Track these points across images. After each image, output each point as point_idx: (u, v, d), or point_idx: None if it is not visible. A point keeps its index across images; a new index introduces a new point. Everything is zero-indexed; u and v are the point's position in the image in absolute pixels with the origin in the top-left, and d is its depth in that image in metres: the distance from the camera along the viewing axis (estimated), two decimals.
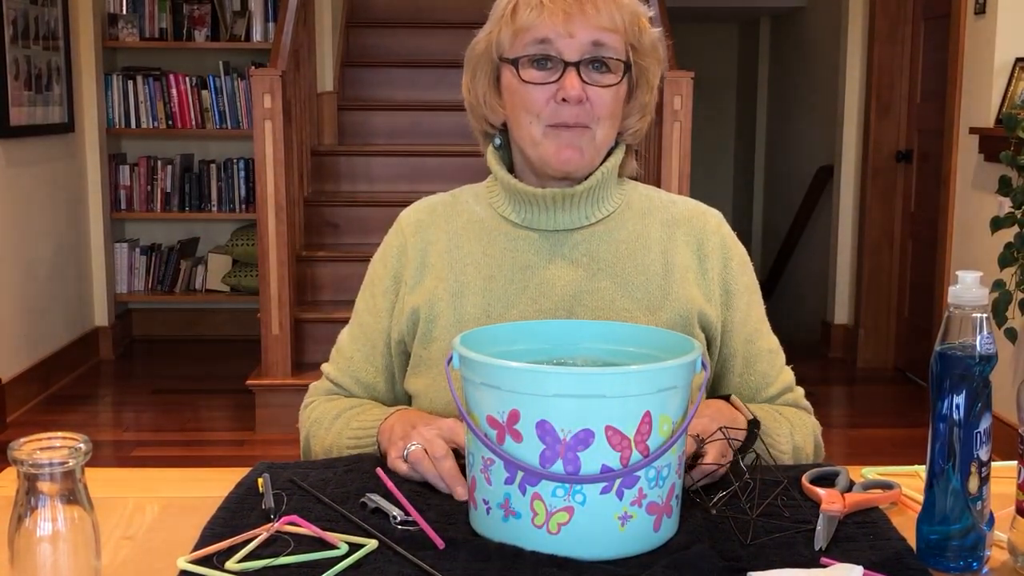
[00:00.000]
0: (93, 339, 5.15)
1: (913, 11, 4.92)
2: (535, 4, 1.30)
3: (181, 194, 5.32)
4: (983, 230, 3.76)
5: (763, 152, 7.32)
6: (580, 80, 1.30)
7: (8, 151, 4.28)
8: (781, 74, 6.93)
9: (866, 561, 1.01)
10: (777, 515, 1.12)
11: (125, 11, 5.21)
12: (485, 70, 1.39)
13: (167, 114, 5.25)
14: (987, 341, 1.00)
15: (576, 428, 1.00)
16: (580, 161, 1.34)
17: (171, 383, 4.77)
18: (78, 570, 0.89)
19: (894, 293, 5.12)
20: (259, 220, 3.95)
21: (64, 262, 4.85)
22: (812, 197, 6.02)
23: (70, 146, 4.94)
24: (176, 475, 1.29)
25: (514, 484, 1.03)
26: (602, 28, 1.30)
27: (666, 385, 1.03)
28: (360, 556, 1.03)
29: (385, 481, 1.19)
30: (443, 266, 1.40)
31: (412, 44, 5.39)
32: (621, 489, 1.02)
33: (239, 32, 5.27)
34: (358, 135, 5.07)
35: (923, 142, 4.83)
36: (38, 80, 4.55)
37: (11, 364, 4.25)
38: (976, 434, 1.01)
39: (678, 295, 1.38)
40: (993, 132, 3.78)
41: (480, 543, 1.06)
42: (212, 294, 5.38)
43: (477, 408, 1.06)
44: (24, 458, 0.87)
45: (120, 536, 1.10)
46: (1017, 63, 3.78)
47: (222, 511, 1.14)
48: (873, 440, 4.06)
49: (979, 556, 1.03)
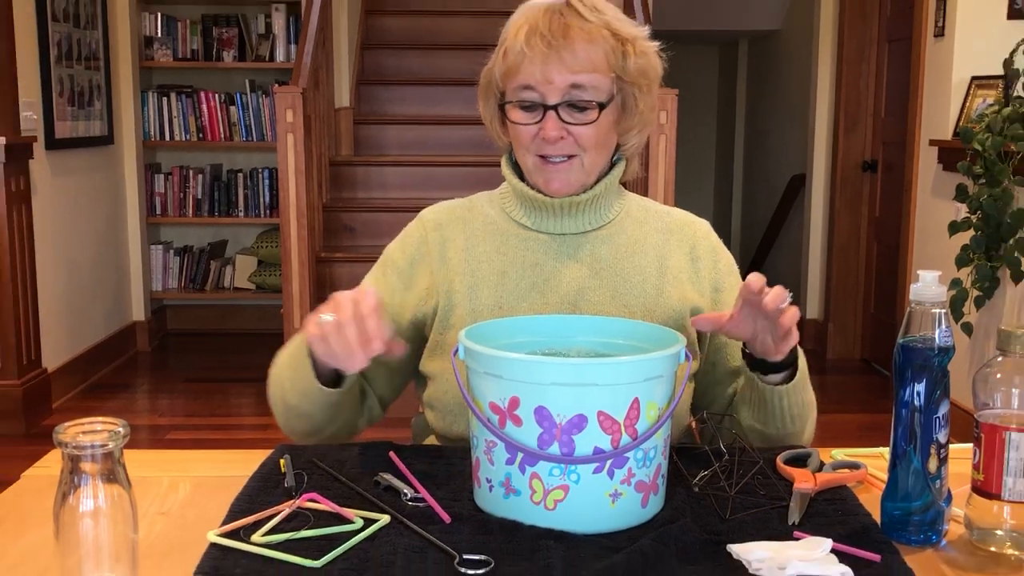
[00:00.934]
0: (131, 333, 5.15)
1: (878, 34, 4.92)
2: (518, 50, 1.31)
3: (211, 201, 5.32)
4: (941, 233, 3.76)
5: (741, 162, 7.32)
6: (560, 121, 1.31)
7: (53, 162, 4.29)
8: (758, 91, 6.92)
9: (835, 535, 1.01)
10: (754, 493, 1.13)
11: (160, 34, 5.21)
12: (491, 100, 1.41)
13: (198, 128, 5.25)
14: (945, 334, 1.00)
15: (571, 413, 1.01)
16: (568, 189, 1.36)
17: (202, 373, 4.77)
18: (117, 543, 0.89)
19: (860, 291, 5.12)
20: (282, 224, 3.95)
21: (104, 262, 4.86)
22: (786, 203, 6.02)
23: (110, 157, 4.94)
24: (206, 456, 1.29)
25: (514, 464, 1.03)
26: (579, 71, 1.30)
27: (653, 374, 1.03)
28: (374, 530, 1.03)
29: (396, 462, 1.19)
30: (460, 261, 1.40)
31: (421, 64, 5.38)
32: (612, 469, 1.02)
33: (264, 53, 5.27)
34: (372, 147, 5.06)
35: (887, 153, 4.83)
36: (80, 97, 4.54)
37: (56, 355, 4.25)
38: (935, 419, 1.01)
39: (671, 294, 1.39)
40: (951, 144, 3.77)
41: (483, 518, 1.06)
42: (239, 292, 5.37)
43: (481, 395, 1.06)
44: (68, 441, 0.87)
45: (155, 512, 1.10)
46: (973, 81, 3.78)
47: (248, 489, 1.14)
48: (841, 425, 4.06)
49: (938, 530, 1.03)
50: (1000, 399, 1.01)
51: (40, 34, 4.16)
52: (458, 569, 0.94)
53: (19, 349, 3.84)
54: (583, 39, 1.30)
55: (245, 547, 0.99)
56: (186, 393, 4.47)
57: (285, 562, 0.96)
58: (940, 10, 3.95)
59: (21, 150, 3.84)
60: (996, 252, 3.35)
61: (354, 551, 0.98)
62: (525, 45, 1.30)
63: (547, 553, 0.97)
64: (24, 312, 3.88)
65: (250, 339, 5.29)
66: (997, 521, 1.01)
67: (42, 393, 4.01)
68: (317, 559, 0.96)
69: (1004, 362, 1.01)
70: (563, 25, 1.30)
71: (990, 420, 1.01)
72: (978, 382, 1.02)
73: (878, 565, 0.96)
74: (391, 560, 0.96)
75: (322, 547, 0.98)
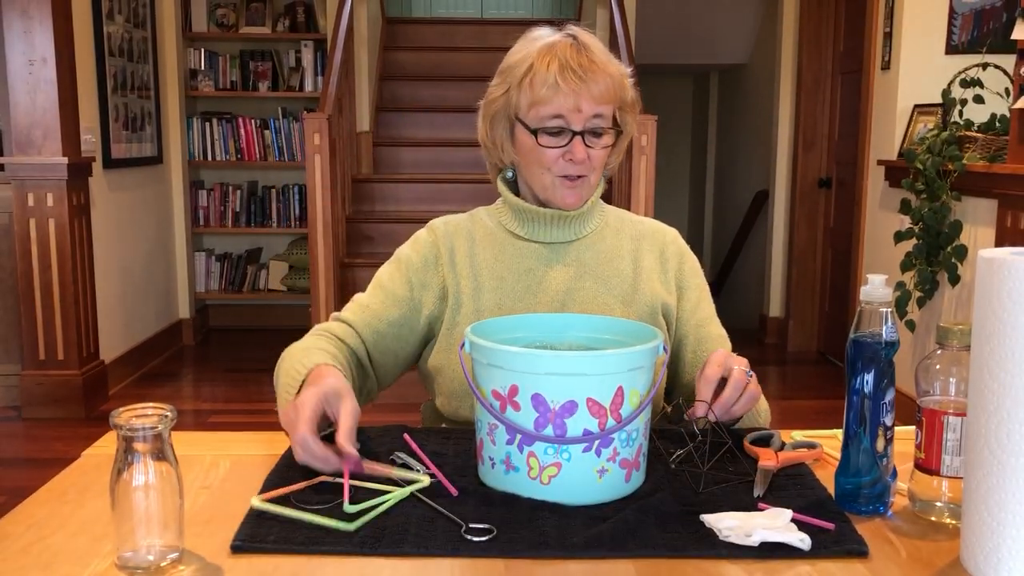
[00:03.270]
0: (177, 329, 5.15)
1: (832, 67, 4.92)
2: (551, 83, 1.29)
3: (248, 213, 5.32)
4: (888, 242, 3.76)
5: (712, 179, 7.32)
6: (584, 145, 1.32)
7: (110, 179, 4.28)
8: (727, 117, 6.92)
9: (795, 506, 1.01)
10: (723, 469, 1.12)
11: (203, 67, 5.20)
12: (503, 123, 1.38)
13: (237, 149, 5.25)
14: (891, 330, 1.00)
15: (563, 400, 1.00)
16: (579, 202, 1.38)
17: (240, 364, 4.77)
18: (165, 513, 0.89)
19: (817, 292, 5.12)
20: (310, 234, 3.95)
21: (154, 267, 4.85)
22: (751, 216, 6.02)
23: (159, 175, 4.94)
24: (243, 437, 1.29)
25: (513, 444, 1.03)
26: (600, 102, 1.31)
27: (635, 365, 1.03)
28: (415, 489, 1.04)
29: (410, 443, 1.19)
30: (465, 266, 1.40)
31: (433, 94, 5.38)
32: (599, 448, 1.02)
33: (294, 84, 5.27)
34: (389, 166, 5.06)
35: (840, 171, 4.83)
36: (133, 122, 4.54)
37: (112, 348, 4.25)
38: (882, 404, 1.01)
39: (645, 291, 1.40)
40: (896, 164, 3.78)
41: (486, 492, 1.06)
42: (272, 293, 5.37)
43: (484, 383, 1.06)
44: (123, 424, 0.87)
45: (199, 486, 1.10)
46: (915, 108, 3.78)
47: (279, 466, 1.13)
48: (800, 409, 4.06)
49: (885, 502, 1.03)
50: (939, 387, 1.01)
51: (98, 68, 4.16)
52: (464, 536, 0.94)
53: (79, 343, 3.84)
54: (602, 74, 1.31)
55: (283, 510, 0.98)
56: (226, 382, 4.47)
57: (316, 526, 0.96)
58: (887, 46, 3.95)
59: (81, 169, 3.85)
60: (936, 258, 3.35)
61: (373, 520, 0.98)
62: (559, 78, 1.29)
63: (543, 522, 0.97)
64: (84, 311, 3.88)
65: (282, 334, 5.23)
66: (936, 494, 1.01)
67: (100, 382, 4.01)
68: (350, 522, 0.95)
69: (943, 355, 1.01)
70: (588, 61, 1.31)
71: (930, 405, 1.01)
72: (920, 372, 1.02)
73: (832, 532, 0.96)
74: (406, 528, 0.96)
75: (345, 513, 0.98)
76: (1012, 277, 0.83)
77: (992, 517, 0.85)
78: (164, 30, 4.90)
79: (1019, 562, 0.84)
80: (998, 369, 0.84)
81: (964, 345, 0.99)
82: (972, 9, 3.64)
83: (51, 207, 3.72)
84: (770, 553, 0.92)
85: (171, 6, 4.91)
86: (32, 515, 1.01)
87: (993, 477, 0.85)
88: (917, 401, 1.02)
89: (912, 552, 0.94)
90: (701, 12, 5.92)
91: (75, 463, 1.17)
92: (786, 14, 5.09)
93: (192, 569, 0.89)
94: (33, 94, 3.67)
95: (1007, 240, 2.97)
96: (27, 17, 3.62)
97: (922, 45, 3.78)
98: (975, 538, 0.88)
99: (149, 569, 0.88)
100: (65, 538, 0.96)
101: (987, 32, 3.56)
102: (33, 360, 3.80)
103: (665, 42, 5.93)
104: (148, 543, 0.88)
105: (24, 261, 3.74)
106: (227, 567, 0.90)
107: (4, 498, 2.93)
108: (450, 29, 5.87)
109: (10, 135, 3.74)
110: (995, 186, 3.03)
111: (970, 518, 0.88)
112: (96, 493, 1.07)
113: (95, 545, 0.94)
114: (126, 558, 0.89)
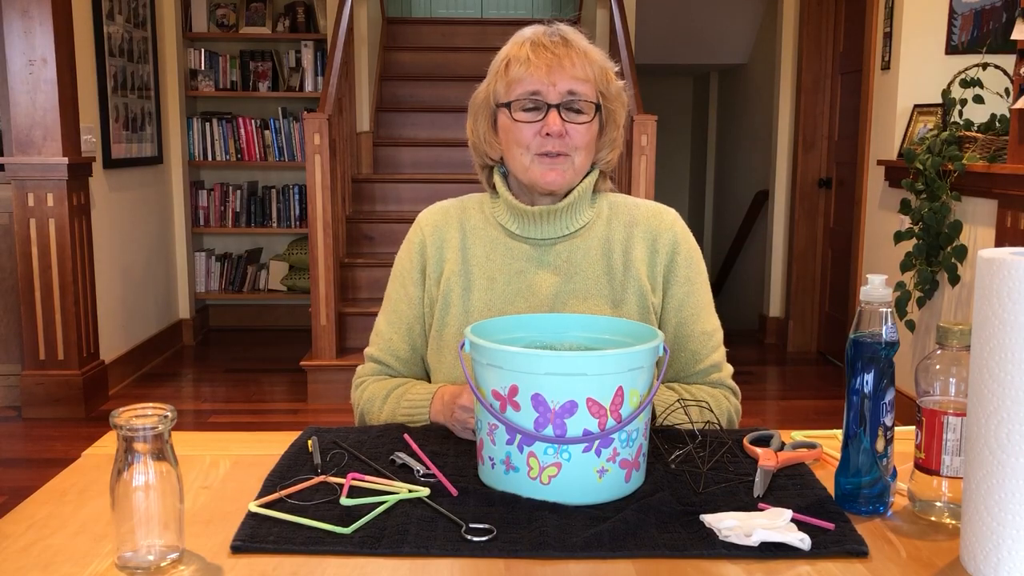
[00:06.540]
0: (177, 329, 5.15)
1: (832, 67, 4.92)
2: (524, 60, 1.32)
3: (248, 213, 5.32)
4: (888, 242, 3.76)
5: (712, 179, 7.32)
6: (560, 118, 1.32)
7: (110, 179, 4.28)
8: (727, 117, 6.92)
9: (794, 506, 1.01)
10: (723, 469, 1.12)
11: (203, 67, 5.20)
12: (485, 115, 1.40)
13: (237, 149, 5.25)
14: (891, 330, 1.00)
15: (563, 400, 1.00)
16: (561, 181, 1.36)
17: (240, 364, 4.77)
18: (165, 513, 0.89)
19: (817, 292, 5.12)
20: (310, 234, 3.96)
21: (154, 267, 4.85)
22: (751, 216, 6.02)
23: (159, 175, 4.94)
24: (243, 437, 1.29)
25: (513, 444, 1.03)
26: (576, 79, 1.32)
27: (635, 365, 1.03)
28: (414, 496, 1.03)
29: (410, 443, 1.19)
30: (456, 261, 1.41)
31: (432, 94, 5.39)
32: (599, 448, 1.02)
33: (294, 84, 5.27)
34: (389, 166, 5.07)
35: (840, 171, 4.83)
36: (133, 122, 4.54)
37: (112, 348, 4.25)
38: (882, 404, 1.01)
39: (635, 287, 1.38)
40: (896, 164, 3.78)
41: (486, 492, 1.06)
42: (273, 293, 5.37)
43: (484, 383, 1.06)
44: (123, 424, 0.87)
45: (199, 486, 1.10)
46: (915, 108, 3.78)
47: (279, 466, 1.14)
48: (800, 409, 4.06)
49: (885, 502, 1.03)
50: (939, 387, 1.01)
51: (99, 68, 4.16)
52: (464, 536, 0.94)
53: (80, 343, 3.84)
54: (579, 54, 1.33)
55: (280, 515, 0.99)
56: (226, 382, 4.46)
57: (315, 528, 0.96)
58: (887, 46, 3.95)
59: (82, 169, 3.85)
60: (935, 258, 3.35)
61: (373, 520, 0.98)
62: (532, 54, 1.32)
63: (543, 522, 0.97)
64: (84, 311, 3.88)
65: (282, 334, 5.29)
66: (936, 494, 1.01)
67: (100, 382, 4.01)
68: (346, 526, 0.95)
69: (943, 355, 1.01)
70: (563, 40, 1.33)
71: (930, 405, 1.01)
72: (920, 372, 1.02)
73: (832, 532, 0.96)
74: (406, 528, 0.96)
75: (342, 516, 0.98)
76: (1012, 277, 0.83)
77: (992, 517, 0.85)
78: (164, 30, 4.90)
79: (1019, 562, 0.84)
80: (998, 369, 0.84)
81: (964, 345, 0.99)
82: (972, 9, 3.64)
83: (51, 207, 3.72)
84: (770, 553, 0.92)
85: (171, 6, 4.91)
86: (32, 515, 1.01)
87: (993, 477, 0.85)
88: (917, 401, 1.02)
89: (912, 552, 0.94)
90: (701, 12, 5.92)
91: (75, 463, 1.17)
92: (786, 14, 5.09)
93: (192, 569, 0.89)
94: (33, 94, 3.67)
95: (1007, 240, 2.97)
96: (27, 17, 3.62)
97: (922, 45, 3.78)
98: (975, 538, 0.88)
99: (149, 569, 0.88)
100: (65, 538, 0.96)
101: (987, 32, 3.56)
102: (33, 360, 3.80)
103: (665, 42, 5.93)
104: (148, 543, 0.88)
105: (24, 261, 3.74)
106: (227, 567, 0.90)
107: (4, 498, 2.93)
108: (450, 29, 5.87)
109: (10, 135, 3.74)
110: (995, 186, 3.03)
111: (970, 518, 0.88)
112: (96, 493, 1.07)
113: (95, 545, 0.94)
114: (126, 558, 0.89)
